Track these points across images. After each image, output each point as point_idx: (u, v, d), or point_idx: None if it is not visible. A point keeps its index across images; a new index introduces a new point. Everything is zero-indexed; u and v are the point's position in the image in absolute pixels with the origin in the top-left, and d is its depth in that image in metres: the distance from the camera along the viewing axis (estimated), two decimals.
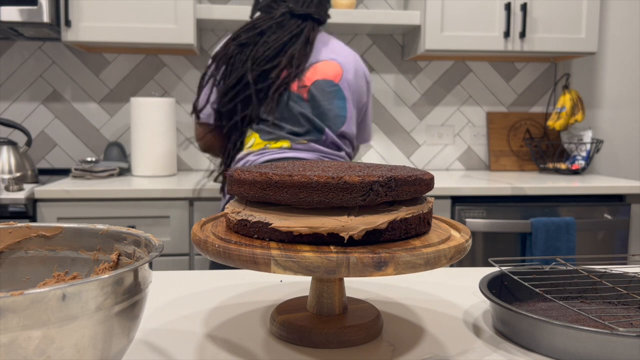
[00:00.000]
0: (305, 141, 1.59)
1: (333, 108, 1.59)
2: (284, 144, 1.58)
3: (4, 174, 2.09)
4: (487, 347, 0.61)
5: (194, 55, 2.58)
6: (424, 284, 0.84)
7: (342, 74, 1.61)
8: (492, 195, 2.16)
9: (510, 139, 2.75)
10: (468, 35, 2.36)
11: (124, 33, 2.18)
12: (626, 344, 0.53)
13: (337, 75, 1.60)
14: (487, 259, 1.90)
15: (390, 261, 0.50)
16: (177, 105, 2.60)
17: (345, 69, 1.62)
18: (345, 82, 1.61)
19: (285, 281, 0.84)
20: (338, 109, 1.59)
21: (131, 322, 0.46)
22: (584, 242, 2.18)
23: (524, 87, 2.79)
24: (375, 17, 2.36)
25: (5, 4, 2.06)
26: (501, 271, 0.73)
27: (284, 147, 1.58)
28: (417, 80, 2.72)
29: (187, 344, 0.61)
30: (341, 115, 1.60)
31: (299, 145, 1.58)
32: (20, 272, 0.59)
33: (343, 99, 1.60)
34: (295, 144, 1.58)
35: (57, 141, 2.55)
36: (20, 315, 0.38)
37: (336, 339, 0.60)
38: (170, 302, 0.75)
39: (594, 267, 0.78)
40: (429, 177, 0.60)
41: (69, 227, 0.60)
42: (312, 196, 0.53)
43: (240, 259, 0.52)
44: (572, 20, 2.40)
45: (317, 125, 1.58)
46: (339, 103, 1.59)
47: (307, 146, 1.59)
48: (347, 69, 1.62)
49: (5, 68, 2.50)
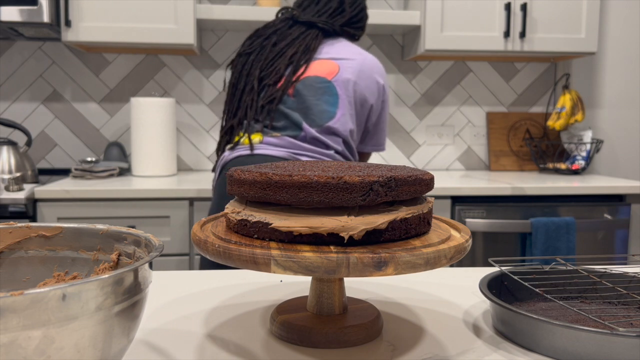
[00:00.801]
0: (279, 134, 1.57)
1: (320, 103, 1.56)
2: (256, 138, 1.57)
3: (4, 174, 2.09)
4: (487, 347, 0.61)
5: (194, 55, 2.58)
6: (424, 284, 0.84)
7: (337, 72, 1.59)
8: (492, 195, 2.16)
9: (510, 139, 2.75)
10: (468, 35, 2.36)
11: (124, 33, 2.18)
12: (626, 344, 0.53)
13: (331, 73, 1.59)
14: (487, 259, 1.90)
15: (390, 261, 0.50)
16: (177, 105, 2.60)
17: (342, 67, 1.60)
18: (341, 80, 1.59)
19: (285, 281, 0.84)
20: (326, 104, 1.56)
21: (131, 322, 0.46)
22: (584, 242, 2.18)
23: (524, 87, 2.79)
24: (375, 17, 2.36)
25: (5, 4, 2.06)
26: (501, 271, 0.73)
27: (255, 140, 1.57)
28: (417, 80, 2.73)
29: (187, 344, 0.61)
30: (329, 110, 1.57)
31: (271, 139, 1.56)
32: (20, 272, 0.59)
33: (335, 95, 1.58)
34: (268, 137, 1.57)
35: (57, 141, 2.55)
36: (20, 315, 0.38)
37: (336, 339, 0.60)
38: (170, 302, 0.75)
39: (594, 267, 0.78)
40: (429, 177, 0.60)
41: (69, 227, 0.60)
42: (312, 196, 0.53)
43: (240, 259, 0.52)
44: (572, 20, 2.40)
45: (294, 120, 1.56)
46: (328, 99, 1.57)
47: (281, 139, 1.56)
48: (346, 68, 1.60)
49: (5, 68, 2.50)
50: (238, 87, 1.63)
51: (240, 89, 1.62)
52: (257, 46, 1.64)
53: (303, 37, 1.63)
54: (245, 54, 1.65)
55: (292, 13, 1.65)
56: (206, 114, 2.60)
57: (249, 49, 1.64)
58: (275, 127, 1.58)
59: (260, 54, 1.63)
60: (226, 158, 1.58)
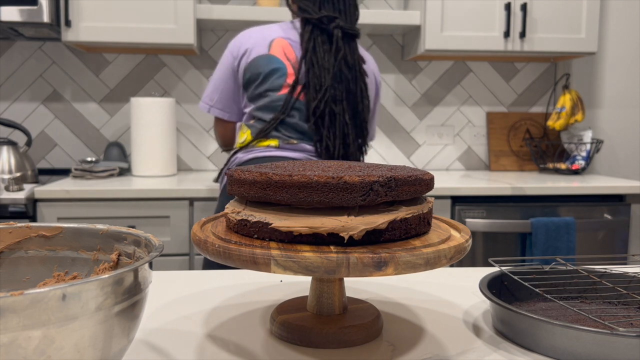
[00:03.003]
0: (296, 141, 1.58)
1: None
2: (272, 143, 1.59)
3: (4, 174, 2.09)
4: (487, 347, 0.61)
5: (194, 55, 2.58)
6: (424, 284, 0.84)
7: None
8: (492, 195, 2.16)
9: (510, 139, 2.75)
10: (468, 35, 2.36)
11: (124, 33, 2.18)
12: (626, 344, 0.53)
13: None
14: (487, 259, 1.90)
15: (390, 261, 0.50)
16: (177, 105, 2.60)
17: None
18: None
19: (285, 281, 0.84)
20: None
21: (131, 322, 0.46)
22: (584, 242, 2.18)
23: (524, 87, 2.79)
24: (375, 17, 2.36)
25: (5, 4, 2.06)
26: (501, 271, 0.73)
27: (272, 145, 1.59)
28: (417, 80, 2.72)
29: (187, 344, 0.61)
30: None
31: (287, 145, 1.58)
32: (20, 272, 0.59)
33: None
34: (284, 143, 1.58)
35: (57, 141, 2.55)
36: (20, 315, 0.38)
37: (336, 339, 0.60)
38: (170, 302, 0.75)
39: (594, 267, 0.78)
40: (429, 177, 0.60)
41: (69, 227, 0.60)
42: (312, 196, 0.53)
43: (240, 259, 0.52)
44: (572, 20, 2.40)
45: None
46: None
47: (297, 146, 1.59)
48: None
49: (5, 68, 2.50)
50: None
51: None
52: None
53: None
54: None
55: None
56: (206, 114, 2.60)
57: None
58: (291, 135, 1.63)
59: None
60: (239, 158, 1.61)
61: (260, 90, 1.60)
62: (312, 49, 1.57)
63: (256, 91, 1.61)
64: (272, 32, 1.65)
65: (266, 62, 1.60)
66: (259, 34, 1.65)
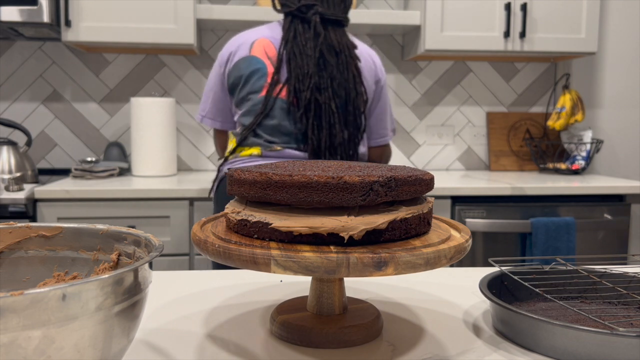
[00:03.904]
0: (279, 147, 1.53)
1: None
2: (254, 151, 1.55)
3: (4, 174, 2.09)
4: (487, 347, 0.61)
5: (194, 55, 2.58)
6: (424, 284, 0.84)
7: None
8: (492, 195, 2.16)
9: (510, 139, 2.75)
10: (468, 35, 2.36)
11: (124, 33, 2.18)
12: (626, 344, 0.53)
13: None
14: (487, 259, 1.90)
15: (390, 261, 0.50)
16: (177, 105, 2.60)
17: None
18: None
19: (285, 281, 0.84)
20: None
21: (131, 322, 0.46)
22: (584, 242, 2.18)
23: (524, 87, 2.79)
24: (375, 17, 2.36)
25: (5, 4, 2.06)
26: (501, 271, 0.73)
27: (254, 154, 1.55)
28: (417, 80, 2.72)
29: (187, 344, 0.61)
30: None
31: (270, 153, 1.54)
32: (20, 272, 0.59)
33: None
34: (267, 150, 1.54)
35: (57, 141, 2.55)
36: (20, 315, 0.38)
37: (336, 339, 0.60)
38: (170, 302, 0.75)
39: (594, 267, 0.78)
40: (429, 177, 0.60)
41: (69, 227, 0.60)
42: (312, 196, 0.53)
43: (240, 259, 0.52)
44: (572, 20, 2.40)
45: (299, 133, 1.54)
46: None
47: (281, 153, 1.54)
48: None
49: (5, 68, 2.50)
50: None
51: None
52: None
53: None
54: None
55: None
56: None
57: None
58: (274, 141, 1.60)
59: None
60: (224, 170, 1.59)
61: (242, 94, 1.56)
62: (293, 38, 1.52)
63: (239, 95, 1.57)
64: (257, 33, 1.60)
65: (247, 64, 1.55)
66: (244, 37, 1.61)
